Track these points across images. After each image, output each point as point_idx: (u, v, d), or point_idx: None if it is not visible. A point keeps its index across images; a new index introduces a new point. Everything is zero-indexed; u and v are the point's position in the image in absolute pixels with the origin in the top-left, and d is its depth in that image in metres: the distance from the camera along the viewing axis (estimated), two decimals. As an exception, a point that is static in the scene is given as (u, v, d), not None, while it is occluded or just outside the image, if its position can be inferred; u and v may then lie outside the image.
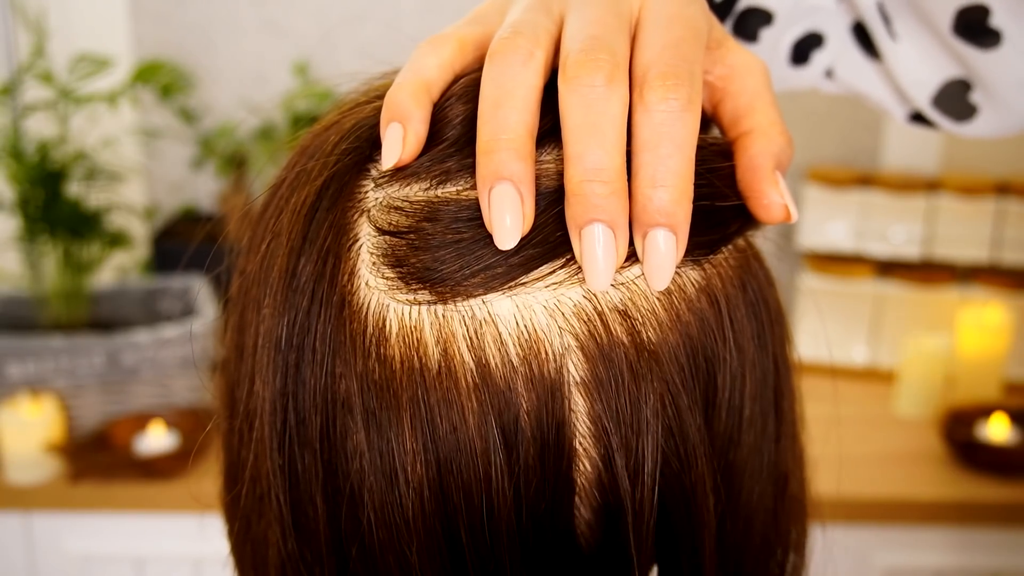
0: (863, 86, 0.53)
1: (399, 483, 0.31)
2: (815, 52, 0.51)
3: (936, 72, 0.50)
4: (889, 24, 0.49)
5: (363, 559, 0.33)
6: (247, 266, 0.37)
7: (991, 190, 1.46)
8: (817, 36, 0.51)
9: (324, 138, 0.35)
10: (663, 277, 0.30)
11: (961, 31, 0.47)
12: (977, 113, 0.51)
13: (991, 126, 0.51)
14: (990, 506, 1.20)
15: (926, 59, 0.50)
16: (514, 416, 0.31)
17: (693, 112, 0.30)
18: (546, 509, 0.32)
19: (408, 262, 0.31)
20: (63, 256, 1.36)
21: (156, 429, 1.28)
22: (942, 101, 0.51)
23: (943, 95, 0.50)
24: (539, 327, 0.31)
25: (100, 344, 1.28)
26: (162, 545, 1.28)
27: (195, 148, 1.62)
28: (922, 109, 0.52)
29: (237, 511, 0.37)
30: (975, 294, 1.48)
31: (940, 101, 0.51)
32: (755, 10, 0.48)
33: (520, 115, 0.30)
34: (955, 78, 0.50)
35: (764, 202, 0.33)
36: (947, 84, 0.50)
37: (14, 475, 1.24)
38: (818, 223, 1.51)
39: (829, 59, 0.52)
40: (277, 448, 0.33)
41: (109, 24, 1.60)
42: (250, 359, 0.35)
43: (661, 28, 0.32)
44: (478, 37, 0.35)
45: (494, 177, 0.30)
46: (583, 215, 0.30)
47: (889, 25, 0.49)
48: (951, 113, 0.51)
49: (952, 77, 0.50)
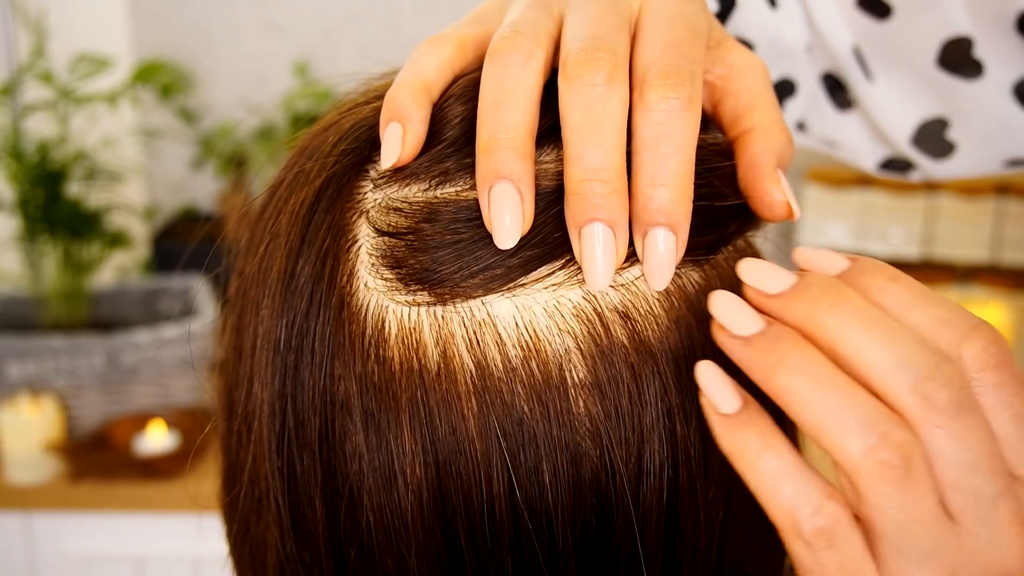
0: (835, 135, 0.53)
1: (398, 485, 0.31)
2: (788, 101, 0.52)
3: (914, 111, 0.50)
4: (865, 66, 0.50)
5: (362, 561, 0.33)
6: (246, 267, 0.36)
7: (991, 190, 1.46)
8: (790, 83, 0.51)
9: (323, 139, 0.35)
10: (663, 277, 0.30)
11: (946, 64, 0.48)
12: (955, 151, 0.51)
13: (968, 164, 0.51)
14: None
15: (904, 98, 0.50)
16: (514, 417, 0.31)
17: (694, 111, 0.30)
18: (545, 511, 0.31)
19: (407, 263, 0.31)
20: (63, 256, 1.36)
21: (156, 429, 1.28)
22: (920, 140, 0.51)
23: (921, 134, 0.51)
24: (539, 328, 0.31)
25: (100, 344, 1.28)
26: (162, 545, 1.28)
27: (195, 148, 1.62)
28: (900, 149, 0.52)
29: (236, 513, 0.37)
30: (975, 294, 1.48)
31: (919, 140, 0.51)
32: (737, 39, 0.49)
33: (520, 115, 0.30)
34: (933, 117, 0.50)
35: (766, 200, 0.33)
36: (925, 123, 0.51)
37: (14, 475, 1.24)
38: (818, 223, 1.51)
39: (800, 110, 0.53)
40: (276, 450, 0.33)
41: (109, 24, 1.60)
42: (249, 360, 0.35)
43: (661, 27, 0.31)
44: (478, 37, 0.34)
45: (494, 177, 0.30)
46: (583, 214, 0.29)
47: (865, 67, 0.50)
48: (929, 151, 0.52)
49: (930, 116, 0.50)
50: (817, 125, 0.54)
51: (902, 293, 0.28)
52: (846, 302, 0.27)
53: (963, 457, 0.26)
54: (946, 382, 0.26)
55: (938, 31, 0.47)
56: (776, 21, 0.49)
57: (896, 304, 0.28)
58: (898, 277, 0.29)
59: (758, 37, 0.49)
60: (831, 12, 0.50)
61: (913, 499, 0.26)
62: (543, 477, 0.31)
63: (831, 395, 0.27)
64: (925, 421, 0.26)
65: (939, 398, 0.26)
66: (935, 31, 0.47)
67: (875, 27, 0.49)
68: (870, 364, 0.27)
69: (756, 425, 0.28)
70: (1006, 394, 0.27)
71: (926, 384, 0.26)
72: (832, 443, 0.26)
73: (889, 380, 0.26)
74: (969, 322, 0.28)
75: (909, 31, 0.48)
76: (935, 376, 0.26)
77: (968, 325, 0.28)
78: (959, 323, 0.28)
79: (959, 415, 0.26)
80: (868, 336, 0.27)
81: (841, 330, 0.27)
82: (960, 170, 0.52)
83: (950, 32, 0.47)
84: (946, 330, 0.28)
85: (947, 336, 0.27)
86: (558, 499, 0.31)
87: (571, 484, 0.31)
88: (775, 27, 0.49)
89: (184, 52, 1.63)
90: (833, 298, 0.28)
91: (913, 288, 0.28)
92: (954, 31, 0.47)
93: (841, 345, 0.27)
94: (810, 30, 0.51)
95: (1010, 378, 0.27)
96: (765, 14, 0.49)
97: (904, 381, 0.26)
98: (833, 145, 0.55)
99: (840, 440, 0.26)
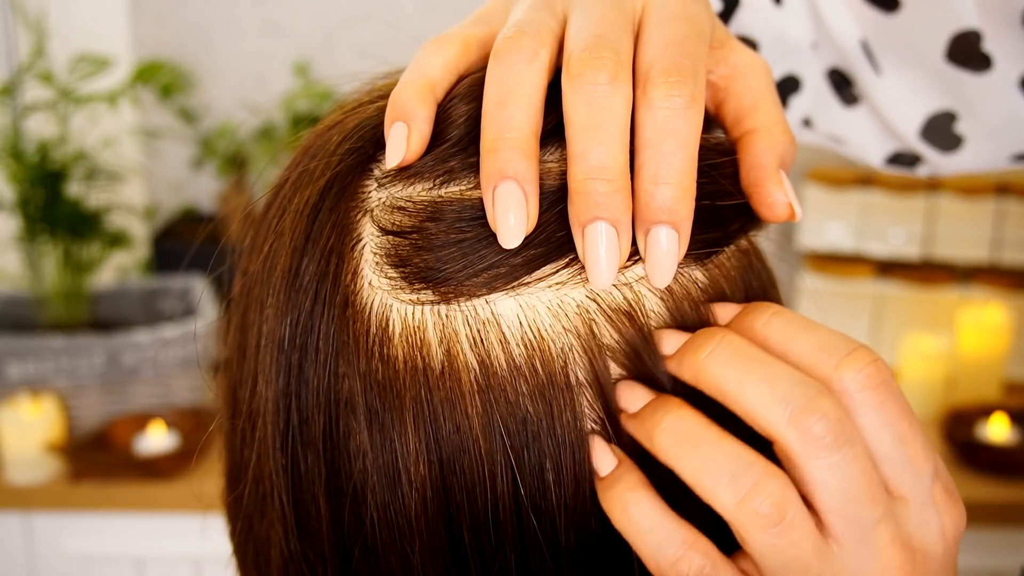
0: (841, 131, 0.54)
1: (402, 483, 0.31)
2: (793, 97, 0.52)
3: (923, 104, 0.51)
4: (873, 59, 0.50)
5: (366, 559, 0.33)
6: (250, 266, 0.36)
7: (991, 190, 1.46)
8: (794, 80, 0.51)
9: (327, 138, 0.35)
10: (665, 275, 0.30)
11: (954, 57, 0.48)
12: (963, 144, 0.51)
13: (977, 158, 0.52)
14: (990, 506, 1.20)
15: (912, 92, 0.50)
16: (518, 416, 0.31)
17: (696, 109, 0.30)
18: (549, 509, 0.31)
19: (411, 262, 0.31)
20: (63, 256, 1.36)
21: (156, 429, 1.28)
22: (929, 133, 0.51)
23: (930, 127, 0.51)
24: (543, 327, 0.31)
25: (100, 344, 1.28)
26: (162, 545, 1.28)
27: (195, 148, 1.62)
28: (909, 142, 0.52)
29: (239, 511, 0.37)
30: (975, 294, 1.48)
31: (927, 133, 0.51)
32: (741, 38, 0.49)
33: (524, 114, 0.30)
34: (941, 110, 0.51)
35: (768, 200, 0.33)
36: (934, 116, 0.51)
37: (14, 475, 1.24)
38: (818, 223, 1.51)
39: (806, 106, 0.53)
40: (280, 448, 0.33)
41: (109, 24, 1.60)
42: (253, 359, 0.35)
43: (664, 26, 0.32)
44: (482, 37, 0.34)
45: (498, 176, 0.30)
46: (586, 213, 0.29)
47: (873, 60, 0.50)
48: (938, 145, 0.52)
49: (938, 109, 0.51)
50: (823, 121, 0.54)
51: (784, 325, 0.30)
52: (725, 347, 0.29)
53: (842, 486, 0.28)
54: (822, 415, 0.28)
55: (947, 24, 0.47)
56: (780, 19, 0.49)
57: (780, 336, 0.30)
58: (780, 312, 0.31)
59: (762, 35, 0.49)
60: (838, 6, 0.50)
61: (790, 542, 0.28)
62: (546, 475, 0.31)
63: (702, 450, 0.28)
64: (804, 453, 0.28)
65: (816, 430, 0.27)
66: (944, 24, 0.47)
67: (883, 20, 0.49)
68: (750, 402, 0.28)
69: (624, 481, 0.30)
70: (886, 415, 0.29)
71: (803, 418, 0.28)
72: (708, 496, 0.28)
73: (768, 416, 0.28)
74: (848, 346, 0.29)
75: (918, 24, 0.48)
76: (812, 409, 0.28)
77: (847, 349, 0.29)
78: (838, 348, 0.29)
79: (836, 446, 0.28)
80: (747, 376, 0.29)
81: (723, 374, 0.29)
82: (968, 164, 0.52)
83: (959, 26, 0.47)
84: (826, 355, 0.29)
85: (827, 361, 0.29)
86: (561, 497, 0.31)
87: (574, 482, 0.31)
88: (779, 25, 0.49)
89: (184, 52, 1.63)
90: (713, 344, 0.30)
91: (794, 320, 0.30)
92: (963, 24, 0.47)
93: (724, 387, 0.29)
94: (816, 26, 0.51)
95: (889, 398, 0.29)
96: (769, 12, 0.49)
97: (782, 416, 0.28)
98: (839, 141, 0.55)
99: (715, 492, 0.28)
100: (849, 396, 0.29)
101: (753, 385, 0.28)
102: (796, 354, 0.29)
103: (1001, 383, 1.44)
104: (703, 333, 0.30)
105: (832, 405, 0.28)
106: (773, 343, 0.30)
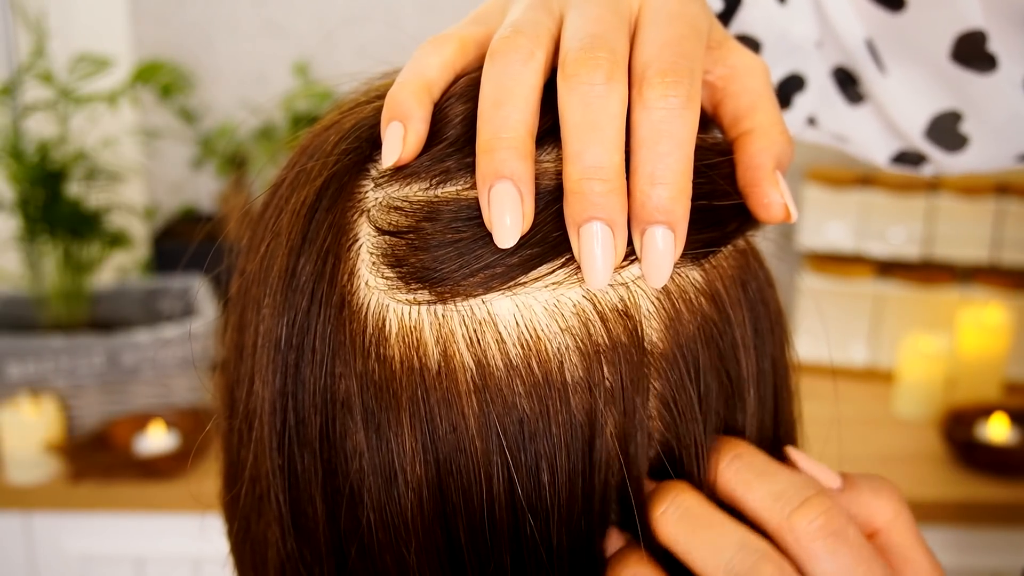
0: (846, 130, 0.54)
1: (398, 483, 0.31)
2: (797, 96, 0.52)
3: (928, 104, 0.51)
4: (878, 59, 0.50)
5: (362, 559, 0.33)
6: (247, 266, 0.37)
7: (991, 190, 1.46)
8: (799, 78, 0.51)
9: (324, 138, 0.35)
10: (661, 274, 0.30)
11: (959, 57, 0.48)
12: (968, 144, 0.51)
13: (982, 157, 0.52)
14: (990, 506, 1.20)
15: (917, 91, 0.50)
16: (514, 416, 0.31)
17: (692, 110, 0.30)
18: (545, 509, 0.31)
19: (408, 262, 0.31)
20: (63, 256, 1.36)
21: (156, 429, 1.28)
22: (933, 133, 0.51)
23: (935, 126, 0.51)
24: (539, 327, 0.31)
25: (100, 344, 1.28)
26: (162, 545, 1.28)
27: (195, 148, 1.62)
28: (914, 142, 0.52)
29: (237, 511, 0.37)
30: (975, 294, 1.48)
31: (932, 133, 0.51)
32: (743, 37, 0.49)
33: (520, 114, 0.30)
34: (947, 110, 0.51)
35: (764, 201, 0.33)
36: (939, 116, 0.51)
37: (14, 475, 1.24)
38: (818, 223, 1.51)
39: (811, 105, 0.53)
40: (277, 448, 0.33)
41: (109, 24, 1.60)
42: (250, 359, 0.35)
43: (661, 26, 0.32)
44: (479, 37, 0.34)
45: (494, 176, 0.30)
46: (582, 213, 0.29)
47: (878, 60, 0.50)
48: (943, 144, 0.52)
49: (944, 109, 0.51)
50: (828, 120, 0.54)
51: (742, 471, 0.32)
52: (676, 507, 0.31)
53: None
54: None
55: (952, 24, 0.47)
56: (784, 17, 0.49)
57: (737, 482, 0.31)
58: (742, 454, 0.32)
59: (765, 33, 0.49)
60: (843, 5, 0.50)
61: None
62: (542, 476, 0.31)
63: None
64: None
65: None
66: (949, 24, 0.47)
67: (889, 20, 0.49)
68: (697, 565, 0.30)
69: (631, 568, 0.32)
70: (841, 561, 0.29)
71: None
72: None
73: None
74: (802, 495, 0.30)
75: (923, 24, 0.48)
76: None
77: (800, 498, 0.30)
78: (792, 497, 0.30)
79: None
80: (692, 539, 0.30)
81: (673, 534, 0.31)
82: (973, 164, 0.52)
83: (964, 26, 0.47)
84: (780, 504, 0.30)
85: (780, 510, 0.30)
86: (556, 497, 0.31)
87: (568, 482, 0.31)
88: (783, 23, 0.49)
89: (184, 52, 1.63)
90: (666, 504, 0.31)
91: (753, 464, 0.32)
92: (968, 25, 0.47)
93: (674, 548, 0.31)
94: (821, 25, 0.51)
95: (842, 545, 0.29)
96: (772, 11, 0.49)
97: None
98: (844, 140, 0.55)
99: None
100: (801, 546, 0.29)
101: (698, 549, 0.30)
102: (752, 502, 0.31)
103: (1001, 383, 1.44)
104: (660, 489, 0.32)
105: (774, 570, 0.29)
106: (732, 489, 0.31)
